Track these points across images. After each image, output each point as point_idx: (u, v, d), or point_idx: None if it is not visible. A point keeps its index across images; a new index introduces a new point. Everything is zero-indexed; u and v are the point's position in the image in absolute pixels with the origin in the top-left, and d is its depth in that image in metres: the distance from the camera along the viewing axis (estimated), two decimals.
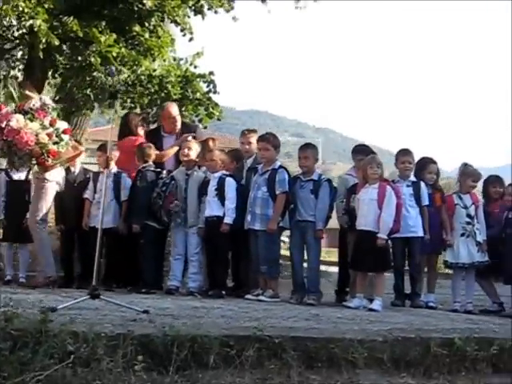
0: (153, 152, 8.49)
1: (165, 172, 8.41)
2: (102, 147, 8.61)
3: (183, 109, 12.10)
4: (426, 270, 8.43)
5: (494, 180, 8.55)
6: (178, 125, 9.18)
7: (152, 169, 8.40)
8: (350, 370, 4.85)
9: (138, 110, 12.43)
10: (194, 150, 8.33)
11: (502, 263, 7.89)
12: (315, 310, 6.86)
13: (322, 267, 9.05)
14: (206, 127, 12.97)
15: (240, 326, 5.17)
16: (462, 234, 7.99)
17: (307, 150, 8.01)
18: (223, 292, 7.83)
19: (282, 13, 17.24)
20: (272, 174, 7.82)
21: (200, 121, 12.77)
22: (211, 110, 12.63)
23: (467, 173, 8.30)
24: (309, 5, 17.22)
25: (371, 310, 7.12)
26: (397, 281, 8.03)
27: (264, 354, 4.71)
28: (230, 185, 7.98)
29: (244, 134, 8.60)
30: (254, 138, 8.36)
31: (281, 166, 7.89)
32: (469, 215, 8.02)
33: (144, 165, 8.39)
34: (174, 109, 9.25)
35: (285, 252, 8.93)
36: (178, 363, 4.42)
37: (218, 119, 12.97)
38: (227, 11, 13.06)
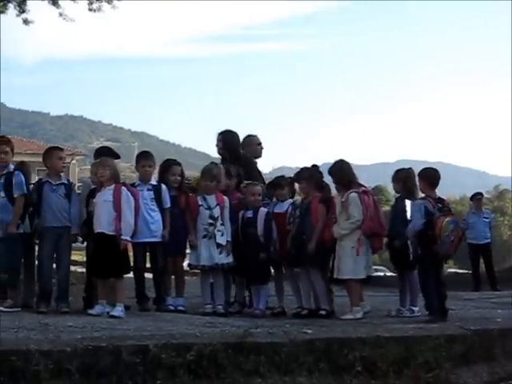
0: None
1: None
2: None
3: None
4: None
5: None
6: None
7: None
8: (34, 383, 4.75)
9: None
10: None
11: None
12: (50, 320, 6.69)
13: None
14: None
15: None
16: (204, 236, 7.94)
17: None
18: None
19: (78, 15, 16.79)
20: (8, 177, 7.68)
21: None
22: None
23: (206, 172, 8.14)
24: (104, 7, 16.94)
25: (113, 316, 7.06)
26: (137, 285, 8.04)
27: None
28: None
29: None
30: None
31: (16, 169, 7.77)
32: (212, 216, 7.95)
33: None
34: None
35: None
36: None
37: None
38: None
